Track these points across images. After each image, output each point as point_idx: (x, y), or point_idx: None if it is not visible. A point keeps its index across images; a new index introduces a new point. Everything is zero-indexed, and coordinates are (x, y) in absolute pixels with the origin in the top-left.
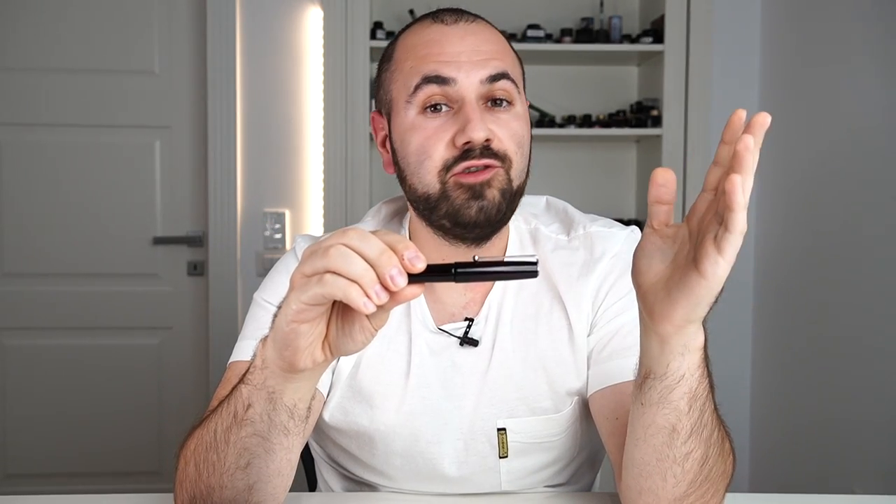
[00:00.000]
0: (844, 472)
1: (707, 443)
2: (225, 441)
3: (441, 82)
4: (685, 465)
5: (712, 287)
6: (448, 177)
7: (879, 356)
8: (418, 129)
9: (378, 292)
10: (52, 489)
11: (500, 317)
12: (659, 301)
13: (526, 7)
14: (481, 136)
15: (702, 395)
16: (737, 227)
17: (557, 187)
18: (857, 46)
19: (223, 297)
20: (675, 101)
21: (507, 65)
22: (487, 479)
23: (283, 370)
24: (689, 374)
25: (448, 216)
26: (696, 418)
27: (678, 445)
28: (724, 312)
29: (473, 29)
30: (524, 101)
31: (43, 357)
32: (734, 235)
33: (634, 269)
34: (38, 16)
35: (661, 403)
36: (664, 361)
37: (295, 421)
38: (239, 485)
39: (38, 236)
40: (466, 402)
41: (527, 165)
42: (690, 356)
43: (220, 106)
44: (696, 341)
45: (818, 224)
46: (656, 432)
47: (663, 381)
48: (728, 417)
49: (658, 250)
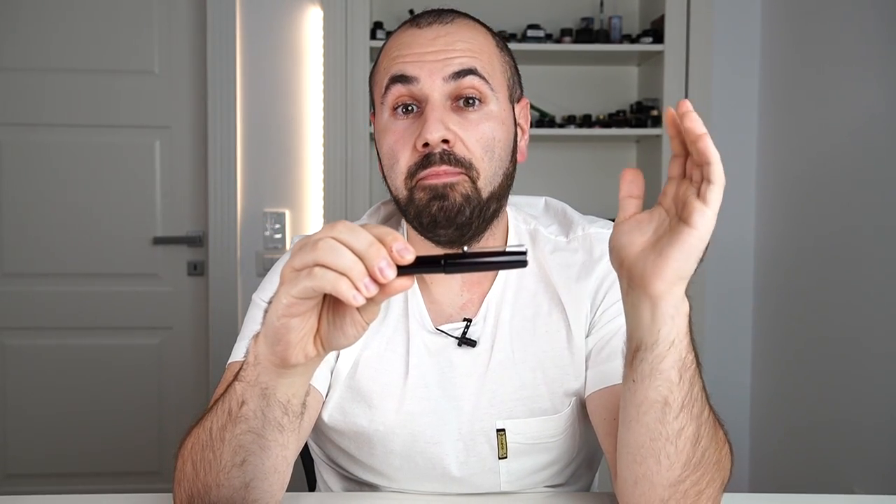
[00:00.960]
0: (844, 472)
1: (698, 420)
2: (220, 439)
3: (405, 81)
4: (678, 443)
5: (703, 236)
6: (413, 182)
7: (879, 356)
8: (389, 131)
9: (367, 285)
10: (52, 489)
11: (499, 318)
12: (650, 262)
13: (526, 7)
14: (436, 136)
15: (690, 366)
16: (717, 177)
17: (557, 187)
18: (857, 46)
19: (223, 297)
20: (674, 101)
21: (480, 62)
22: (487, 480)
23: (276, 366)
24: (679, 340)
25: (415, 218)
26: (687, 390)
27: (670, 421)
28: (724, 312)
29: (448, 30)
30: (504, 100)
31: (43, 357)
32: (716, 185)
33: (614, 248)
34: (38, 16)
35: (652, 376)
36: (655, 328)
37: (289, 417)
38: (235, 483)
39: (38, 236)
40: (465, 403)
41: (503, 169)
42: (680, 320)
43: (220, 106)
44: (685, 306)
45: (818, 224)
46: (648, 408)
47: (654, 349)
48: (728, 417)
49: (636, 228)
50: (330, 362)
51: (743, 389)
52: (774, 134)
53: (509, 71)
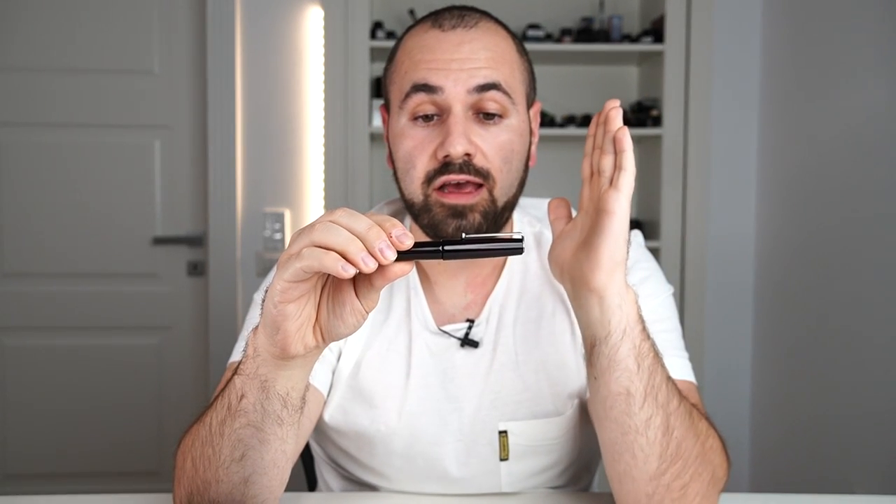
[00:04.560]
0: (844, 472)
1: (665, 409)
2: (220, 434)
3: (429, 91)
4: (648, 433)
5: (622, 220)
6: (430, 189)
7: (879, 356)
8: (407, 136)
9: (365, 258)
10: (52, 489)
11: (502, 319)
12: (584, 258)
13: (526, 7)
14: (459, 150)
15: (647, 354)
16: (629, 165)
17: (557, 187)
18: (858, 46)
19: (223, 297)
20: (675, 101)
21: (502, 74)
22: (487, 482)
23: (276, 357)
24: (630, 328)
25: (429, 227)
26: (647, 379)
27: (636, 412)
28: (724, 312)
29: (472, 35)
30: (523, 111)
31: (43, 357)
32: (627, 172)
33: (552, 260)
34: (38, 16)
35: (611, 368)
36: (605, 319)
37: (288, 411)
38: (234, 478)
39: (38, 236)
40: (467, 404)
41: (518, 179)
42: (627, 308)
43: (220, 106)
44: (630, 295)
45: (818, 224)
46: (613, 402)
47: (608, 341)
48: (728, 417)
49: (566, 237)
50: (332, 362)
51: (743, 389)
52: (774, 134)
53: (528, 77)
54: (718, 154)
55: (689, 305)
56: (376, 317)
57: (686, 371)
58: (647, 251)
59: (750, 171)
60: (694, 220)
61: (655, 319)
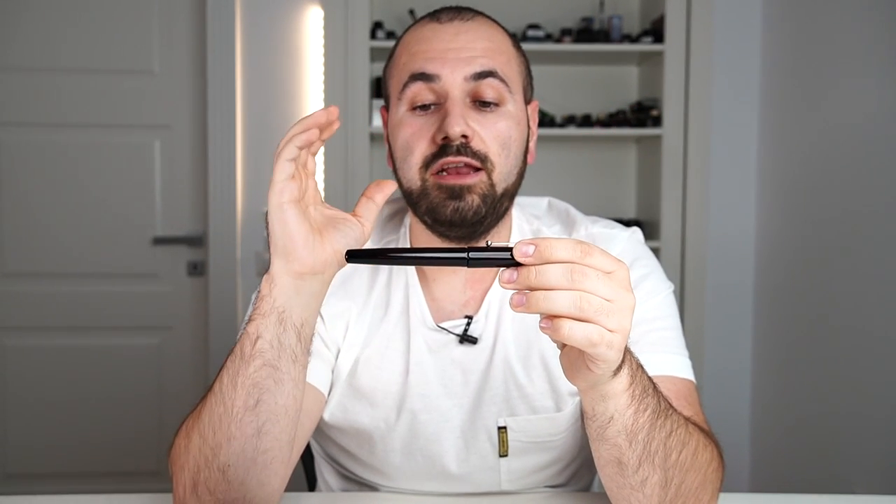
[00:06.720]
0: (844, 472)
1: (663, 467)
2: (232, 386)
3: (426, 79)
4: (644, 490)
5: (607, 366)
6: (428, 174)
7: (879, 356)
8: (405, 125)
9: (318, 115)
10: (52, 489)
11: (501, 315)
12: (565, 364)
13: (526, 7)
14: (457, 131)
15: (643, 428)
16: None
17: (557, 187)
18: (858, 46)
19: (223, 298)
20: (675, 101)
21: (498, 63)
22: (487, 479)
23: (292, 275)
24: (619, 414)
25: (428, 213)
26: (641, 450)
27: (630, 475)
28: (724, 312)
29: (468, 27)
30: (520, 101)
31: (43, 357)
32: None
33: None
34: (38, 16)
35: (600, 440)
36: (589, 405)
37: (302, 347)
38: (248, 430)
39: (38, 236)
40: (466, 400)
41: (517, 167)
42: (614, 400)
43: (220, 106)
44: (614, 388)
45: (818, 224)
46: (605, 464)
47: (595, 421)
48: (728, 417)
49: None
50: (331, 361)
51: (743, 388)
52: (774, 134)
53: (524, 71)
54: (718, 154)
55: (689, 305)
56: (375, 314)
57: (686, 370)
58: (647, 248)
59: (750, 171)
60: (694, 220)
61: (655, 317)
